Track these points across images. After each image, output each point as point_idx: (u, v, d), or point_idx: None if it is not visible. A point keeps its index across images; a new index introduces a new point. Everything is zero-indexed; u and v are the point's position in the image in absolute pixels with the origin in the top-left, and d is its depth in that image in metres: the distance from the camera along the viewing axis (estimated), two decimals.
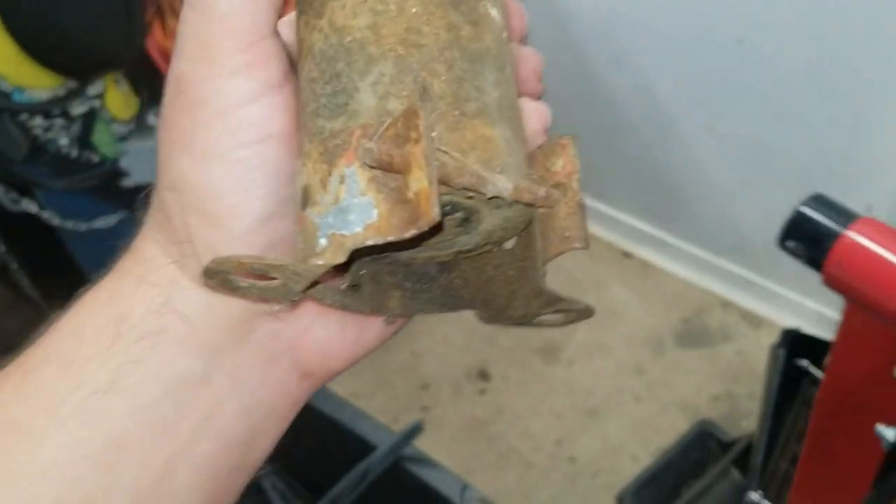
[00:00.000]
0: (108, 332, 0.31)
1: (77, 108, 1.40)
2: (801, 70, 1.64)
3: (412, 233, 0.27)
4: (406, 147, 0.27)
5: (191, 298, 0.32)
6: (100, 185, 1.51)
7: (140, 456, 0.31)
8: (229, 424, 0.33)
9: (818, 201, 0.87)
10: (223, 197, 0.31)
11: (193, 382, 0.32)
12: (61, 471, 0.30)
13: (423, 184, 0.27)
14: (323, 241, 0.29)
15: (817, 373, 1.12)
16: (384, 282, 0.36)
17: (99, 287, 0.33)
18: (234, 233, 0.31)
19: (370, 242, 0.28)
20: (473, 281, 0.37)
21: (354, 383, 1.87)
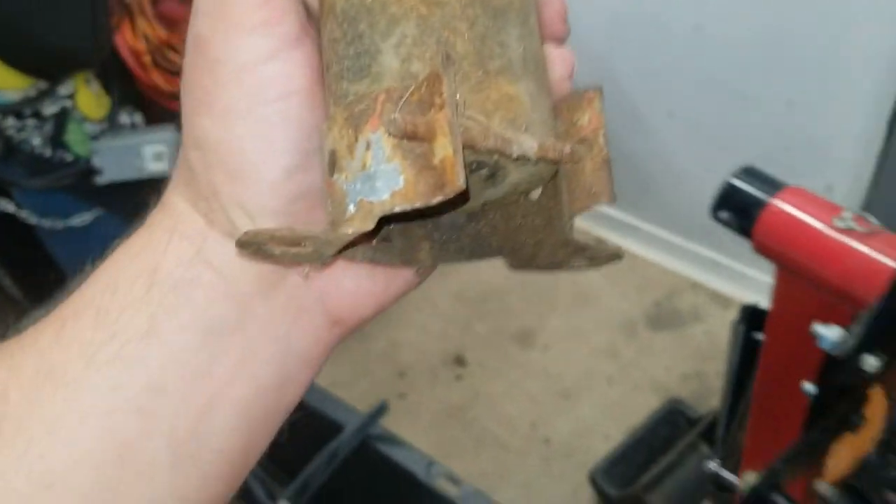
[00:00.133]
0: (142, 283, 0.32)
1: (48, 109, 1.44)
2: (758, 54, 1.68)
3: (438, 199, 0.27)
4: (430, 114, 0.28)
5: (221, 250, 0.32)
6: (74, 183, 1.54)
7: (176, 401, 0.31)
8: (262, 370, 0.33)
9: (747, 173, 0.91)
10: (246, 154, 0.31)
11: (226, 330, 0.32)
12: (99, 418, 0.30)
13: (448, 151, 0.27)
14: (351, 208, 0.29)
15: None
16: (413, 234, 0.36)
17: (131, 240, 0.34)
18: (260, 188, 0.32)
19: (398, 209, 0.28)
20: (501, 229, 0.37)
21: (333, 372, 1.90)
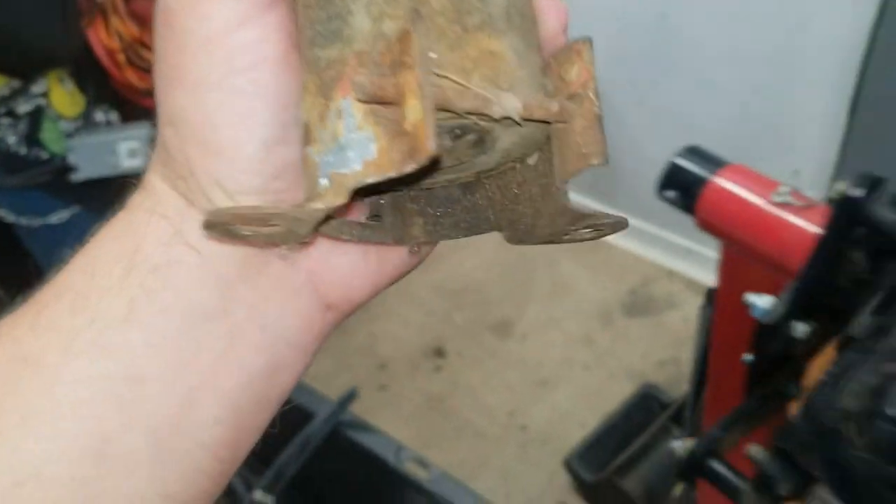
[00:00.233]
0: (121, 265, 0.30)
1: (22, 107, 1.46)
2: (722, 42, 1.71)
3: (412, 167, 0.25)
4: (401, 75, 0.26)
5: (201, 230, 0.31)
6: (51, 181, 1.56)
7: (158, 390, 0.30)
8: (250, 357, 0.32)
9: (691, 152, 0.94)
10: (220, 128, 0.30)
11: (210, 314, 0.31)
12: (75, 408, 0.29)
13: (419, 114, 0.25)
14: (324, 182, 0.27)
15: None
16: (406, 209, 0.34)
17: (111, 223, 0.32)
18: (237, 164, 0.30)
19: (371, 180, 0.26)
20: (498, 200, 0.35)
21: (314, 367, 1.89)
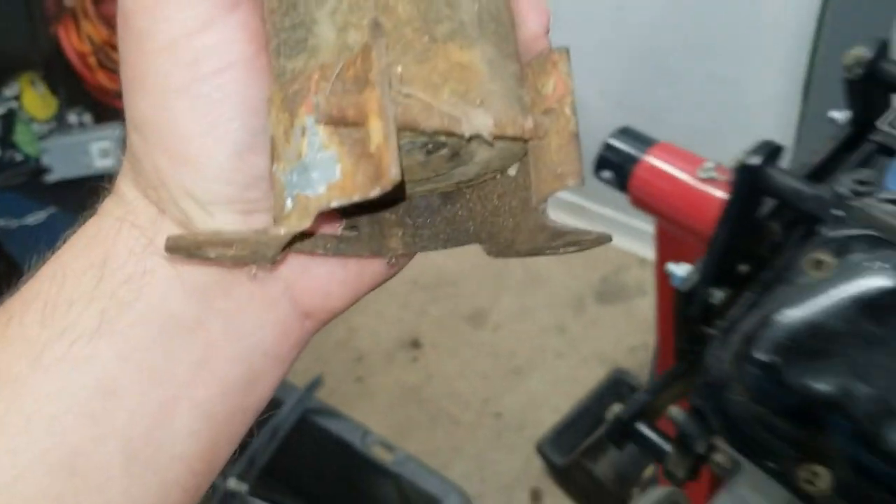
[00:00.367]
0: (92, 275, 0.29)
1: None
2: (678, 31, 1.75)
3: (376, 192, 0.24)
4: (364, 93, 0.24)
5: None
6: (26, 182, 1.60)
7: (131, 403, 0.29)
8: (226, 368, 0.31)
9: (623, 132, 0.97)
10: (188, 136, 0.28)
11: (184, 325, 0.30)
12: (45, 423, 0.28)
13: (381, 138, 0.24)
14: (289, 203, 0.26)
15: None
16: (384, 219, 0.33)
17: (81, 230, 0.31)
18: (207, 173, 0.29)
19: (335, 204, 0.25)
20: (479, 211, 0.33)
21: None
